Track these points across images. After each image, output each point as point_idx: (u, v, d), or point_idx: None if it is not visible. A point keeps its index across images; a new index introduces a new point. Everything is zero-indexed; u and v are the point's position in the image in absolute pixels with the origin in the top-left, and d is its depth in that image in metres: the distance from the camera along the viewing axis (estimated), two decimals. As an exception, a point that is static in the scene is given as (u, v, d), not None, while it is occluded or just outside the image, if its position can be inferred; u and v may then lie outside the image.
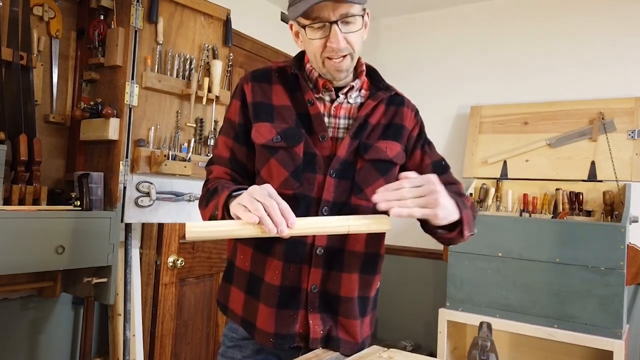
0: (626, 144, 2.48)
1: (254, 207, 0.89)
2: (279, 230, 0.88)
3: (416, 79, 3.21)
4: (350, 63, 1.10)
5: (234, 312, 1.18)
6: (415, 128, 1.22)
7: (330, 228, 0.96)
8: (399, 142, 1.17)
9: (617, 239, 2.08)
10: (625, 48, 2.65)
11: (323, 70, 1.10)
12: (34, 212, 1.63)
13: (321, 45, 1.06)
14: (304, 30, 1.07)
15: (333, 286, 1.12)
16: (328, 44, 1.05)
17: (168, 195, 1.98)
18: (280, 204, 0.91)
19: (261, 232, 0.90)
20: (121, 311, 2.02)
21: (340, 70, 1.09)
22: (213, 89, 2.12)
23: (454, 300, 2.43)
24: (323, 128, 1.12)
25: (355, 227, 0.96)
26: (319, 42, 1.06)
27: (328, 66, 1.09)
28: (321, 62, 1.09)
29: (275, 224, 0.88)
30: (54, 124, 1.94)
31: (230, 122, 1.17)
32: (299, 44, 1.16)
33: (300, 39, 1.14)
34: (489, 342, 0.95)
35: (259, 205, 0.89)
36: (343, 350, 1.13)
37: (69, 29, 1.99)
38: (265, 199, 0.90)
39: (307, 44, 1.10)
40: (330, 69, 1.09)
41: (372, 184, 1.12)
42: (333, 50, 1.05)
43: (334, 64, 1.08)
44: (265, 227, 0.88)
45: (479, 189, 2.72)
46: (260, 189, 0.93)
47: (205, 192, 1.12)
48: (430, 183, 0.94)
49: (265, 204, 0.90)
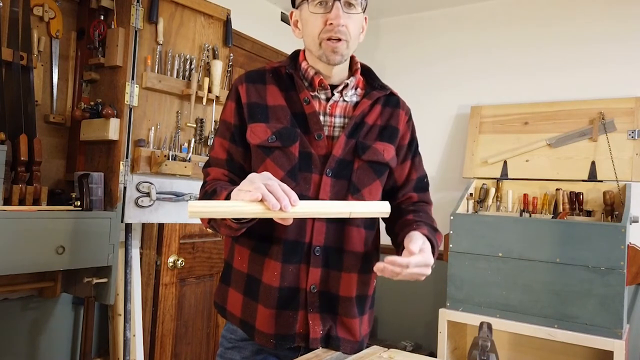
0: (626, 144, 2.48)
1: (255, 186, 0.89)
2: (282, 206, 0.87)
3: (416, 79, 3.21)
4: (346, 49, 1.11)
5: (232, 313, 1.17)
6: (407, 134, 1.23)
7: (332, 210, 0.97)
8: (394, 144, 1.18)
9: (618, 239, 2.08)
10: (626, 48, 2.65)
11: (319, 52, 1.11)
12: (34, 212, 1.63)
13: (321, 24, 1.08)
14: (306, 5, 1.09)
15: (332, 286, 1.12)
16: (328, 20, 1.07)
17: (168, 195, 1.98)
18: (281, 184, 0.91)
19: (264, 209, 0.88)
20: (121, 311, 2.02)
21: (337, 52, 1.10)
22: (213, 89, 2.12)
23: (454, 300, 2.43)
24: (319, 127, 1.12)
25: (356, 212, 0.97)
26: (319, 20, 1.08)
27: (325, 47, 1.09)
28: (318, 43, 1.10)
29: (278, 199, 0.88)
30: (54, 124, 1.94)
31: (225, 124, 1.18)
32: (296, 33, 1.17)
33: (299, 27, 1.15)
34: (489, 342, 0.95)
35: (260, 184, 0.89)
36: (343, 349, 1.13)
37: (69, 29, 1.99)
38: (267, 180, 0.91)
39: (305, 26, 1.12)
40: (327, 50, 1.10)
41: (368, 185, 1.13)
42: (332, 27, 1.07)
43: (331, 45, 1.09)
44: (269, 203, 0.87)
45: (479, 189, 2.72)
46: (259, 175, 0.94)
47: (203, 194, 1.12)
48: (428, 265, 1.02)
49: (266, 183, 0.90)
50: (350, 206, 0.97)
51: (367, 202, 1.01)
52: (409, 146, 1.24)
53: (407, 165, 1.23)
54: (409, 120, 1.25)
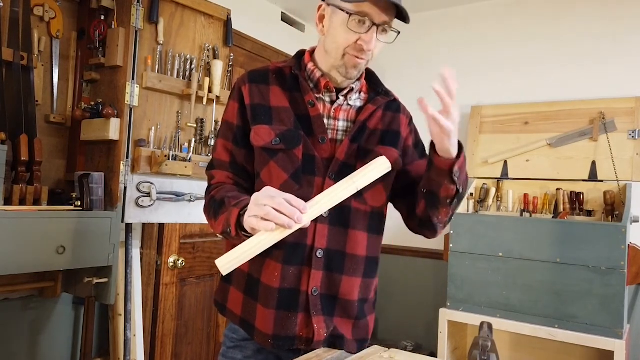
0: (627, 143, 2.48)
1: (264, 212, 0.91)
2: (295, 220, 0.90)
3: (416, 79, 3.21)
4: (364, 66, 1.12)
5: (232, 312, 1.17)
6: (409, 137, 1.23)
7: (340, 195, 0.98)
8: (397, 148, 1.18)
9: (618, 239, 2.08)
10: (626, 48, 2.64)
11: (339, 62, 1.10)
12: (35, 212, 1.63)
13: (352, 40, 1.07)
14: (344, 18, 1.06)
15: (335, 289, 1.12)
16: (359, 42, 1.06)
17: (169, 195, 1.98)
18: (285, 197, 0.92)
19: (282, 231, 0.92)
20: (122, 311, 2.02)
21: (357, 68, 1.10)
22: (213, 89, 2.12)
23: (455, 300, 2.43)
24: (323, 130, 1.12)
25: (361, 182, 0.99)
26: (351, 36, 1.06)
27: (347, 60, 1.09)
28: (341, 54, 1.09)
29: (289, 217, 0.90)
30: (54, 124, 1.94)
31: (228, 125, 1.17)
32: (319, 28, 1.14)
33: (324, 24, 1.13)
34: (490, 342, 0.95)
35: (267, 208, 0.91)
36: (347, 349, 1.13)
37: (70, 29, 1.99)
38: (270, 199, 0.92)
39: (334, 32, 1.09)
40: (348, 64, 1.09)
41: (370, 188, 1.12)
42: (361, 50, 1.07)
43: (354, 61, 1.09)
44: (282, 224, 0.90)
45: (480, 189, 2.72)
46: (261, 194, 0.94)
47: (210, 199, 1.12)
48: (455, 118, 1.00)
49: (271, 204, 0.91)
50: (353, 182, 0.98)
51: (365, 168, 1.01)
52: (416, 147, 1.24)
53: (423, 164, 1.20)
54: (410, 123, 1.24)
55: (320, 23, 1.14)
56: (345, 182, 0.99)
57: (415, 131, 1.26)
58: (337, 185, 0.99)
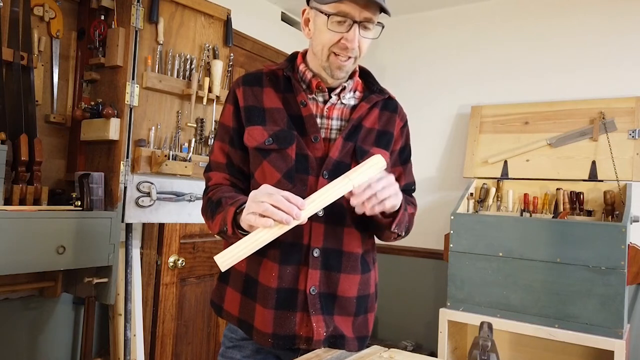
0: (627, 143, 2.48)
1: (262, 208, 0.92)
2: (293, 216, 0.91)
3: (416, 79, 3.21)
4: (352, 65, 1.12)
5: (229, 312, 1.18)
6: (400, 140, 1.24)
7: (337, 192, 0.98)
8: (389, 150, 1.19)
9: (618, 239, 2.08)
10: (626, 47, 2.64)
11: (325, 64, 1.11)
12: (35, 212, 1.63)
13: (334, 39, 1.08)
14: (324, 19, 1.07)
15: (333, 287, 1.12)
16: (342, 41, 1.07)
17: (169, 195, 1.98)
18: (283, 194, 0.93)
19: (280, 227, 0.92)
20: (122, 311, 2.02)
21: (342, 69, 1.11)
22: (213, 89, 2.12)
23: (455, 300, 2.43)
24: (315, 129, 1.12)
25: (357, 180, 0.99)
26: (334, 36, 1.07)
27: (332, 61, 1.10)
28: (326, 56, 1.10)
29: (287, 212, 0.91)
30: (54, 124, 1.94)
31: (224, 127, 1.19)
32: (305, 32, 1.16)
33: (310, 28, 1.14)
34: (490, 342, 0.95)
35: (265, 205, 0.92)
36: (348, 348, 1.13)
37: (70, 29, 1.99)
38: (268, 196, 0.93)
39: (318, 34, 1.11)
40: (333, 65, 1.10)
41: None
42: (345, 48, 1.07)
43: (339, 62, 1.09)
44: (280, 220, 0.91)
45: (480, 189, 2.72)
46: (259, 191, 0.96)
47: (207, 201, 1.13)
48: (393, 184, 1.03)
49: (269, 200, 0.92)
50: (349, 179, 0.99)
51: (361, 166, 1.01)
52: (401, 152, 1.25)
53: (397, 171, 1.23)
54: (403, 127, 1.25)
55: (306, 26, 1.16)
56: (341, 180, 0.99)
57: (407, 135, 1.27)
58: (334, 182, 1.00)
